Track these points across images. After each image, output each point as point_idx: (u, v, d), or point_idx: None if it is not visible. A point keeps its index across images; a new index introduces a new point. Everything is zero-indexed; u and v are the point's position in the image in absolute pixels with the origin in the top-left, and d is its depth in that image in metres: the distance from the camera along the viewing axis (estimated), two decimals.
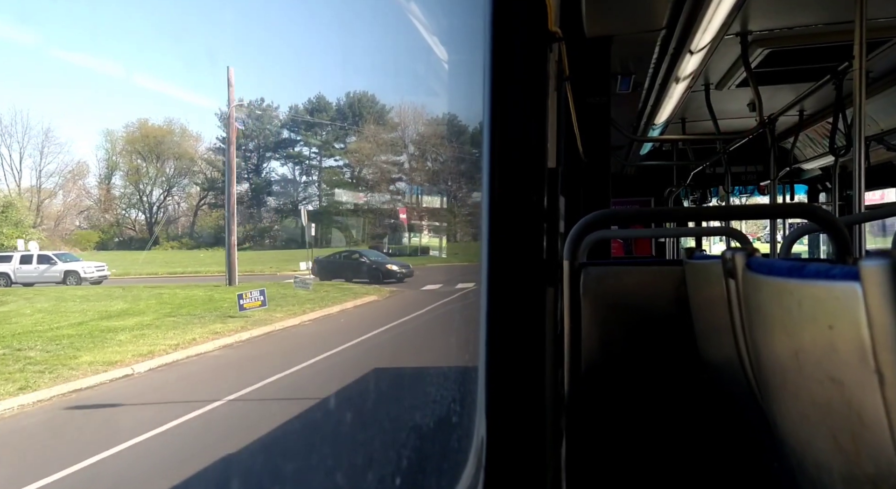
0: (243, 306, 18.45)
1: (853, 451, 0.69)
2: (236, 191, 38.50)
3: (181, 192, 40.90)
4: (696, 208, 9.64)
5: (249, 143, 37.97)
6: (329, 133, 37.32)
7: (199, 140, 40.93)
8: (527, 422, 1.52)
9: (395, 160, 34.41)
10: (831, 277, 0.67)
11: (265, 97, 37.36)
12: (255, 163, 38.55)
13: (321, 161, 37.95)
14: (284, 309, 19.40)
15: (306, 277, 22.41)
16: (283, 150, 38.36)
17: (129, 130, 39.12)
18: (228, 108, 24.30)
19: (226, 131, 38.28)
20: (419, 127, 31.95)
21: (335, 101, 36.72)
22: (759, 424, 1.18)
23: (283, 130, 38.22)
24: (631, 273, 2.12)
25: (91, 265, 28.47)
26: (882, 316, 0.58)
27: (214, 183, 38.78)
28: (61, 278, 27.47)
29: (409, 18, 4.21)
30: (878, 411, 0.60)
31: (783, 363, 0.88)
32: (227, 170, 25.31)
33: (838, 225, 1.84)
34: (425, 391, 6.99)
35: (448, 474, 2.08)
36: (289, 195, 38.67)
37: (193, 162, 39.82)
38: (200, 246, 36.75)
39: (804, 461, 0.88)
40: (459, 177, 31.29)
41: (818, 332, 0.71)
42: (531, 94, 1.44)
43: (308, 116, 37.12)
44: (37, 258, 28.18)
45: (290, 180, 39.31)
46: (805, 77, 5.49)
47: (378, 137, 34.28)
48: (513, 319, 1.53)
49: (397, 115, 33.30)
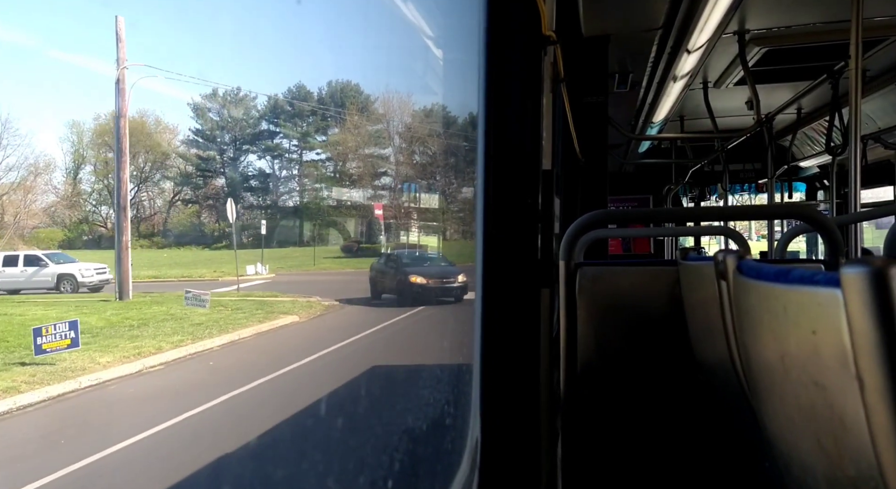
0: (42, 347, 11.68)
1: (836, 454, 0.70)
2: (213, 185, 35.71)
3: (154, 188, 38.42)
4: (692, 209, 9.66)
5: (225, 135, 36.12)
6: (310, 125, 36.03)
7: (174, 132, 38.39)
8: (522, 423, 1.54)
9: (382, 154, 33.37)
10: (814, 283, 0.69)
11: (242, 86, 35.40)
12: (232, 156, 36.27)
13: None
14: (135, 343, 12.86)
15: (202, 294, 16.76)
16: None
17: (99, 122, 36.55)
18: (117, 71, 19.68)
19: (200, 123, 35.99)
20: (406, 118, 30.92)
21: (323, 93, 35.42)
22: (750, 425, 1.19)
23: (275, 126, 36.67)
24: (626, 273, 2.13)
25: (90, 267, 23.09)
26: (862, 322, 0.59)
27: (189, 177, 37.03)
28: (53, 284, 22.17)
29: (404, 18, 4.18)
30: (858, 415, 0.62)
31: (771, 366, 0.89)
32: (118, 151, 19.71)
33: (830, 226, 1.86)
34: (418, 393, 6.52)
35: (441, 476, 2.09)
36: (268, 191, 36.44)
37: (166, 155, 37.79)
38: (172, 244, 34.69)
39: (791, 462, 0.90)
40: (448, 172, 30.50)
41: (802, 337, 0.73)
42: (526, 97, 1.46)
43: (289, 107, 35.75)
44: (23, 259, 22.58)
45: (270, 175, 37.35)
46: (802, 75, 5.50)
47: (362, 130, 33.27)
48: (507, 320, 1.55)
49: (385, 115, 32.31)
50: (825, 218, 1.96)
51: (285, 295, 19.13)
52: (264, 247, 28.30)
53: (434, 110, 29.70)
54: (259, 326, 14.99)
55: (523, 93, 1.45)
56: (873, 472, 0.61)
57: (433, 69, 7.48)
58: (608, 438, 2.08)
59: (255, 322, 15.33)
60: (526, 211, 1.52)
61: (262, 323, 15.32)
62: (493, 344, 1.54)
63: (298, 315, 16.50)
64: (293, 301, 18.22)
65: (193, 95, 36.07)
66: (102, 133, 36.76)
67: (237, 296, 18.94)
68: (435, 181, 30.68)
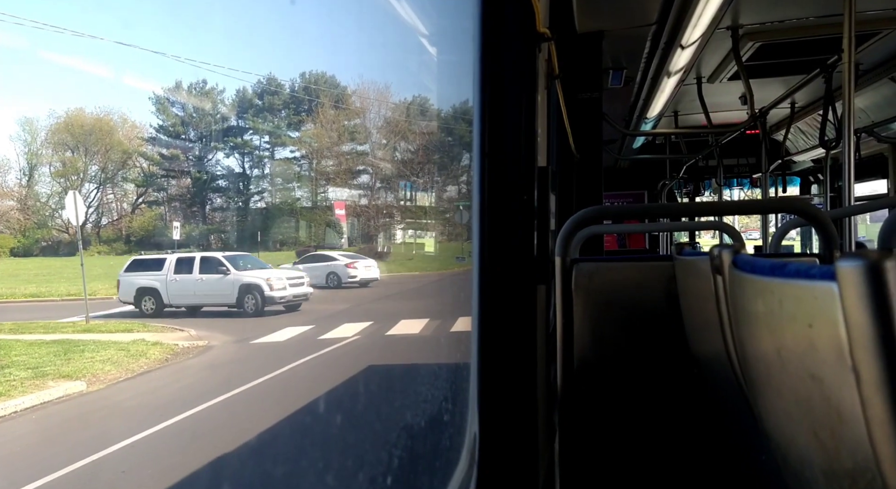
0: None
1: (833, 447, 0.71)
2: (178, 185, 33.11)
3: (116, 189, 35.66)
4: (686, 204, 9.68)
5: (191, 132, 33.72)
6: (282, 120, 34.53)
7: (136, 128, 35.53)
8: (519, 418, 1.54)
9: (361, 150, 32.24)
10: (810, 277, 0.69)
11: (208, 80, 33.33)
12: (198, 154, 33.72)
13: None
14: None
15: None
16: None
17: (54, 120, 33.95)
18: None
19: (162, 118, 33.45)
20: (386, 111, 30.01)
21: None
22: (747, 419, 1.20)
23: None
24: (622, 269, 2.14)
25: (287, 277, 15.72)
26: (857, 316, 0.60)
27: (153, 178, 34.40)
28: (235, 298, 14.90)
29: (398, 15, 4.17)
30: (855, 408, 0.62)
31: (767, 360, 0.90)
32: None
33: (825, 219, 1.87)
34: (416, 390, 6.27)
35: (440, 472, 2.10)
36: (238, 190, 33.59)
37: (127, 154, 35.25)
38: (133, 250, 30.62)
39: (788, 455, 0.90)
40: (424, 172, 29.36)
41: (798, 331, 0.73)
42: (520, 95, 1.46)
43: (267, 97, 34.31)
44: (199, 262, 15.72)
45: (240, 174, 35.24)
46: (796, 70, 5.52)
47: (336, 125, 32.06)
48: (504, 316, 1.55)
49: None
50: (819, 211, 1.97)
51: (150, 325, 13.03)
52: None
53: (415, 106, 28.96)
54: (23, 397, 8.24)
55: (518, 90, 1.45)
56: (870, 464, 0.61)
57: (427, 68, 7.47)
58: (605, 433, 2.09)
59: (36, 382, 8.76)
60: (522, 208, 1.53)
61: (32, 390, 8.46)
62: (491, 340, 1.55)
63: (106, 374, 9.55)
64: (138, 342, 11.30)
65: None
66: (56, 131, 34.16)
67: (60, 332, 12.32)
68: (414, 180, 29.74)
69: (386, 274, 20.89)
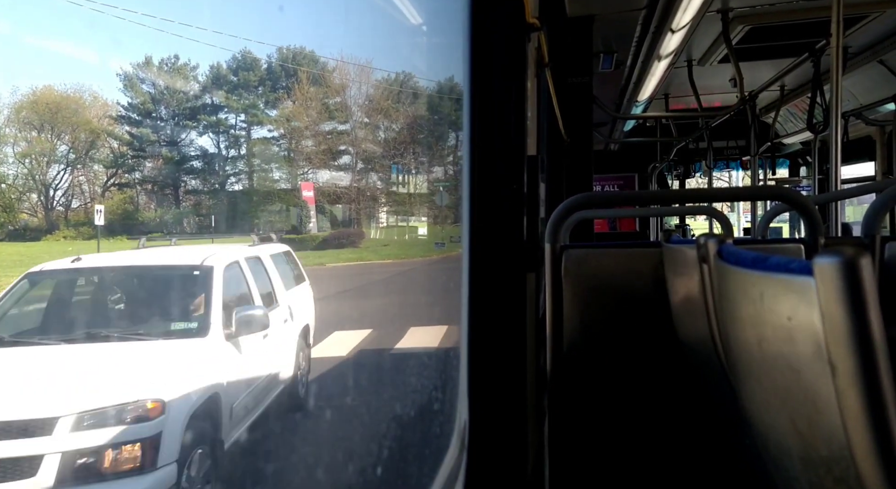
0: None
1: (810, 435, 0.73)
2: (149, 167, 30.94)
3: (86, 170, 33.40)
4: (675, 191, 9.71)
5: (162, 110, 31.45)
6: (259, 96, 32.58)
7: (108, 106, 33.13)
8: (509, 403, 1.57)
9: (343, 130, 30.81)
10: (789, 271, 0.71)
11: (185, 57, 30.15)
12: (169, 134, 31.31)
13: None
14: None
15: None
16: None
17: (19, 97, 31.80)
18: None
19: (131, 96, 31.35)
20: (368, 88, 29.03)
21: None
22: (731, 405, 1.22)
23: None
24: (611, 255, 2.16)
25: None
26: (833, 311, 0.62)
27: (123, 159, 32.38)
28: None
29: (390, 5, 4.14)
30: (830, 399, 0.64)
31: (749, 350, 0.92)
32: None
33: (809, 206, 1.90)
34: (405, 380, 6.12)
35: (431, 457, 2.12)
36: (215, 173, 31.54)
37: (95, 133, 32.92)
38: (102, 234, 28.12)
39: (768, 442, 0.93)
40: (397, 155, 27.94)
41: (778, 323, 0.75)
42: (510, 86, 1.47)
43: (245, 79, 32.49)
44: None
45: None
46: (785, 53, 5.52)
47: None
48: (494, 303, 1.57)
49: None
50: (804, 199, 2.00)
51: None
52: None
53: (396, 85, 27.58)
54: None
55: (507, 81, 1.46)
56: (844, 453, 0.64)
57: (416, 48, 7.42)
58: (593, 416, 2.12)
59: None
60: (511, 196, 1.54)
61: None
62: (480, 327, 1.57)
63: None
64: None
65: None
66: (22, 109, 31.81)
67: None
68: (397, 161, 28.63)
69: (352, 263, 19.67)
